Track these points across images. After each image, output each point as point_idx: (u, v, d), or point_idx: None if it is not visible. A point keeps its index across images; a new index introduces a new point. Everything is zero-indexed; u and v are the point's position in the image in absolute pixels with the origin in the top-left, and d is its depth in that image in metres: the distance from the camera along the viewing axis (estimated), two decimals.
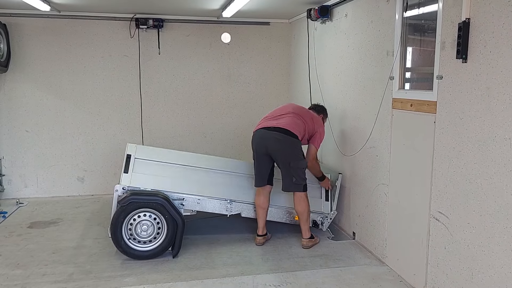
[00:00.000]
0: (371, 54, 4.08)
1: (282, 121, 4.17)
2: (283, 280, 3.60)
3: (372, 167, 4.08)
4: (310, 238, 4.32)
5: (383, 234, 3.91)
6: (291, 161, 4.09)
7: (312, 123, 4.31)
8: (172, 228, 3.99)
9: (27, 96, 6.01)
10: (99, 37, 6.13)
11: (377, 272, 3.75)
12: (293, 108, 4.36)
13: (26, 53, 5.95)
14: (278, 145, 4.10)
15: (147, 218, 4.02)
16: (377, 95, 3.92)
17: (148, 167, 4.27)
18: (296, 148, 4.14)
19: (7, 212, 5.39)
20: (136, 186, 4.14)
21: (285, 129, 4.10)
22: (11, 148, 6.06)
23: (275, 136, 4.09)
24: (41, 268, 3.83)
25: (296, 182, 4.13)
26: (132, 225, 3.99)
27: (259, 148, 4.19)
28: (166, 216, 3.98)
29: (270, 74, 6.74)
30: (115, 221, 3.94)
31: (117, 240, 3.95)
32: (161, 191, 4.14)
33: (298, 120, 4.21)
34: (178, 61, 6.41)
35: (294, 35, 6.42)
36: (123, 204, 3.93)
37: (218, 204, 4.35)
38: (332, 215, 4.60)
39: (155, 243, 4.03)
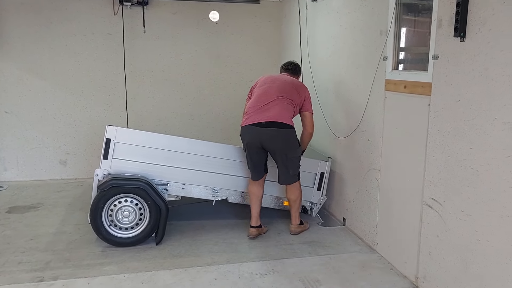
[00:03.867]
0: (364, 33, 3.90)
1: (272, 112, 3.89)
2: (270, 269, 3.47)
3: (364, 151, 3.93)
4: (299, 224, 4.22)
5: (374, 221, 3.78)
6: (288, 153, 3.93)
7: (297, 94, 4.03)
8: (155, 214, 3.83)
9: (6, 75, 5.76)
10: (81, 14, 5.86)
11: (367, 260, 3.63)
12: (277, 88, 4.00)
13: (4, 30, 5.67)
14: (273, 142, 3.89)
15: (128, 204, 3.85)
16: (369, 76, 3.75)
17: (130, 151, 4.04)
18: (292, 138, 3.95)
19: None
20: (117, 171, 3.97)
21: (277, 122, 3.86)
22: None
23: (269, 132, 3.86)
24: (17, 256, 3.66)
25: (292, 173, 4.00)
26: (112, 211, 3.82)
27: (252, 144, 3.95)
28: (149, 201, 3.82)
29: (260, 55, 6.53)
30: (94, 206, 3.77)
31: (97, 226, 3.79)
32: (144, 176, 3.97)
33: (286, 102, 3.96)
34: (165, 40, 6.17)
35: (285, 14, 6.20)
36: (103, 189, 3.76)
37: (204, 189, 4.20)
38: (322, 201, 4.51)
39: (137, 229, 3.88)
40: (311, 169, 4.44)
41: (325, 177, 4.48)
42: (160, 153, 4.09)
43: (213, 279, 3.32)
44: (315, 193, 4.50)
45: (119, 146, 4.01)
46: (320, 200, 4.50)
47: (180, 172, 4.13)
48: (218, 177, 4.24)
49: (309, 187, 4.47)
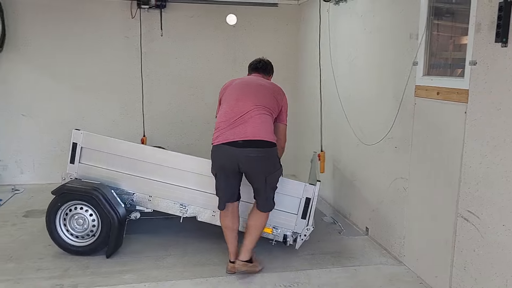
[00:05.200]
0: (391, 37, 3.78)
1: (250, 128, 3.23)
2: (293, 280, 3.36)
3: (390, 159, 3.80)
4: (248, 260, 3.42)
5: (400, 232, 3.66)
6: (267, 176, 3.32)
7: (276, 101, 3.44)
8: (106, 225, 3.66)
9: (23, 78, 5.74)
10: (98, 17, 5.82)
11: (394, 272, 3.50)
12: (253, 96, 3.37)
13: (23, 32, 5.65)
14: (254, 164, 3.28)
15: (81, 212, 3.72)
16: (397, 82, 3.62)
17: (95, 156, 3.93)
18: (274, 159, 3.38)
19: (2, 200, 5.18)
20: (83, 176, 3.92)
21: (258, 140, 3.23)
22: (6, 132, 5.81)
23: (249, 153, 3.22)
24: (35, 262, 3.60)
25: (272, 197, 3.42)
26: (66, 218, 3.74)
27: (227, 167, 3.32)
28: (100, 212, 3.66)
29: (278, 58, 6.38)
30: (48, 212, 3.72)
31: (50, 231, 3.73)
32: (109, 184, 3.86)
33: (265, 113, 3.33)
34: (182, 43, 6.11)
35: (304, 17, 6.10)
36: (56, 194, 3.71)
37: (171, 204, 3.88)
38: (307, 231, 3.71)
39: (90, 239, 3.73)
40: (294, 193, 3.70)
41: (311, 204, 3.67)
42: (124, 160, 3.90)
43: None
44: (299, 221, 3.71)
45: (85, 150, 3.94)
46: (305, 231, 3.71)
47: (146, 183, 3.89)
48: (186, 192, 3.85)
49: (291, 214, 3.72)
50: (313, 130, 5.45)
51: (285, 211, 3.71)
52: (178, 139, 6.25)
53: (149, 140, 6.03)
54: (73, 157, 3.93)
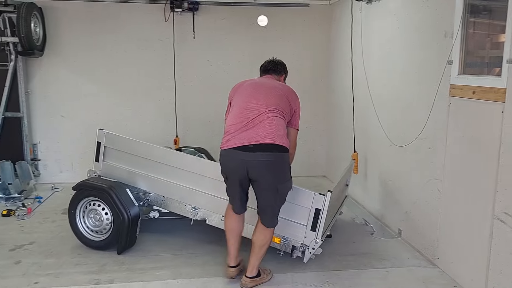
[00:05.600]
0: (425, 36, 3.72)
1: (262, 131, 3.01)
2: (325, 280, 3.36)
3: (424, 160, 3.74)
4: (255, 276, 3.26)
5: (434, 234, 3.59)
6: (279, 186, 3.08)
7: (288, 104, 3.21)
8: (117, 223, 3.76)
9: (62, 80, 5.97)
10: (133, 21, 5.99)
11: (428, 275, 3.45)
12: (265, 97, 3.14)
13: (61, 37, 5.89)
14: (263, 170, 3.03)
15: (96, 208, 3.88)
16: (431, 81, 3.56)
17: (116, 156, 4.08)
18: (285, 165, 3.13)
19: (43, 197, 5.39)
20: (106, 174, 4.08)
21: (270, 144, 3.00)
22: (46, 133, 6.06)
23: (258, 158, 2.99)
24: (74, 257, 3.74)
25: (277, 213, 3.18)
26: (84, 212, 3.93)
27: (236, 173, 3.11)
28: (112, 209, 3.77)
29: (308, 59, 6.44)
30: (69, 205, 3.95)
31: (71, 224, 3.95)
32: (127, 183, 3.98)
33: (278, 116, 3.10)
34: (213, 45, 6.20)
35: (335, 17, 6.08)
36: (76, 189, 3.91)
37: (183, 205, 3.89)
38: (315, 245, 3.42)
39: (104, 234, 3.88)
40: (303, 203, 3.44)
41: (321, 215, 3.38)
42: (141, 161, 3.99)
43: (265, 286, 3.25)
44: (308, 233, 3.44)
45: (107, 149, 4.08)
46: (314, 244, 3.41)
47: (160, 184, 3.95)
48: (197, 195, 3.81)
49: (300, 225, 3.47)
50: (345, 131, 5.42)
51: (294, 222, 3.48)
52: (209, 139, 6.32)
53: (181, 141, 6.15)
54: (98, 155, 4.12)
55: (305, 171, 6.60)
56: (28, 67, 5.87)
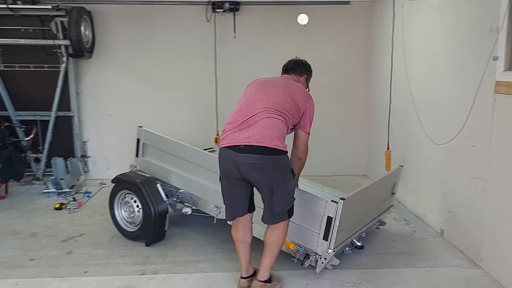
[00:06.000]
0: (469, 31, 3.64)
1: (254, 132, 2.88)
2: (363, 278, 3.36)
3: (467, 159, 3.66)
4: (266, 281, 3.13)
5: (478, 234, 3.51)
6: (274, 187, 2.92)
7: (294, 104, 3.02)
8: (146, 216, 3.92)
9: (110, 81, 6.24)
10: (176, 22, 6.17)
11: (470, 276, 3.38)
12: (265, 97, 3.02)
13: (109, 39, 6.15)
14: (255, 172, 2.91)
15: (130, 201, 4.09)
16: (475, 77, 3.48)
17: (152, 152, 4.27)
18: (282, 168, 2.95)
19: (92, 193, 5.66)
20: (144, 170, 4.29)
21: (260, 146, 2.84)
22: (95, 131, 6.36)
23: (247, 160, 2.86)
24: (121, 249, 3.93)
25: (277, 211, 2.98)
26: (121, 204, 4.19)
27: (229, 173, 2.99)
28: (142, 202, 3.94)
29: (349, 57, 6.40)
30: (109, 196, 4.22)
31: (111, 215, 4.22)
32: (161, 178, 4.14)
33: (275, 117, 2.93)
34: (253, 44, 6.28)
35: (377, 14, 6.01)
36: (113, 181, 4.19)
37: (207, 204, 3.94)
38: (328, 255, 3.21)
39: (136, 226, 4.07)
40: (316, 210, 3.27)
41: (333, 224, 3.16)
42: (172, 158, 4.12)
43: (304, 284, 3.29)
44: (321, 242, 3.25)
45: (145, 146, 4.27)
46: (326, 254, 3.21)
47: (188, 181, 4.05)
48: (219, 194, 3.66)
49: (314, 232, 3.29)
50: (385, 129, 5.36)
51: (307, 228, 3.33)
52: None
53: None
54: (137, 151, 4.35)
55: (345, 170, 6.59)
56: (78, 68, 6.18)
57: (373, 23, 6.15)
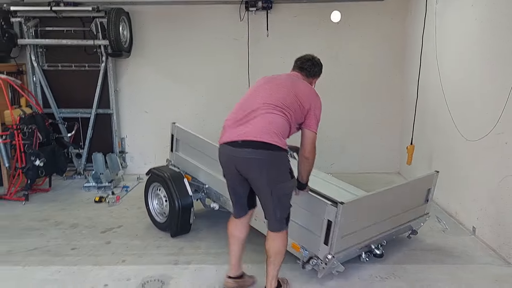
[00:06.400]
0: (504, 26, 3.58)
1: (251, 127, 2.80)
2: (391, 273, 3.40)
3: (500, 155, 3.61)
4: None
5: (510, 232, 3.46)
6: (272, 188, 2.81)
7: (298, 102, 2.90)
8: (171, 209, 4.10)
9: (146, 79, 6.46)
10: (211, 21, 6.31)
11: (501, 273, 3.35)
12: (267, 93, 2.94)
13: (146, 39, 6.37)
14: (251, 169, 2.83)
15: (160, 193, 4.31)
16: (508, 73, 3.43)
17: (183, 148, 4.44)
18: (279, 165, 2.84)
19: (129, 187, 5.90)
20: (177, 164, 4.45)
21: (257, 141, 2.75)
22: (132, 127, 6.60)
23: (245, 155, 2.79)
24: (156, 241, 4.11)
25: (280, 216, 2.88)
26: (153, 196, 4.43)
27: (228, 169, 2.95)
28: (168, 195, 4.13)
29: (382, 54, 6.36)
30: (145, 187, 4.49)
31: (146, 206, 4.47)
32: (191, 173, 4.30)
33: (274, 113, 2.83)
34: (286, 42, 6.34)
35: (410, 10, 5.95)
36: (147, 174, 4.45)
37: (228, 201, 3.85)
38: (328, 261, 3.10)
39: (165, 218, 4.28)
40: (317, 212, 3.17)
41: (333, 228, 3.03)
42: (200, 155, 4.23)
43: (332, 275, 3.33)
44: (322, 246, 3.13)
45: (178, 142, 4.44)
46: (326, 259, 3.09)
47: (212, 178, 4.10)
48: None
49: (316, 235, 3.18)
50: (418, 126, 5.32)
51: (311, 231, 3.23)
52: None
53: None
54: (172, 146, 4.54)
55: (378, 167, 6.57)
56: (117, 67, 6.43)
57: (406, 19, 6.09)
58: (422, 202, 3.84)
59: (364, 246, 3.39)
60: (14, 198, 5.35)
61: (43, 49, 6.28)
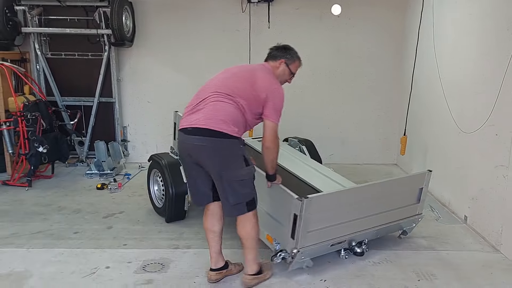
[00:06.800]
0: (495, 22, 3.68)
1: (200, 115, 2.86)
2: (383, 258, 3.52)
3: (491, 147, 3.72)
4: (256, 274, 3.10)
5: (499, 220, 3.58)
6: (222, 173, 2.85)
7: (253, 91, 2.92)
8: (166, 195, 4.23)
9: (149, 69, 6.55)
10: (213, 12, 6.39)
11: (489, 259, 3.48)
12: (220, 81, 3.02)
13: (148, 29, 6.45)
14: (201, 156, 2.88)
15: (158, 179, 4.45)
16: (500, 68, 3.53)
17: None
18: (226, 151, 2.86)
19: (131, 175, 6.01)
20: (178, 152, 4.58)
21: (205, 129, 2.81)
22: (135, 117, 6.70)
23: (193, 141, 2.86)
24: (157, 226, 4.23)
25: (234, 202, 2.90)
26: (154, 181, 4.57)
27: (184, 156, 3.02)
28: (164, 182, 4.25)
29: (382, 47, 6.44)
30: (147, 173, 4.64)
31: (149, 191, 4.62)
32: None
33: (224, 101, 2.87)
34: (287, 35, 6.38)
35: (410, 4, 6.02)
36: (149, 160, 4.58)
37: None
38: (294, 255, 3.08)
39: (162, 203, 4.41)
40: (286, 204, 3.12)
41: (298, 223, 2.99)
42: None
43: (326, 261, 3.45)
44: (290, 240, 3.10)
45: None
46: (293, 253, 3.07)
47: None
48: None
49: (285, 228, 3.13)
50: (415, 118, 5.42)
51: (281, 224, 3.21)
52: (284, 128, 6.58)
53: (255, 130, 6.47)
54: (174, 134, 4.65)
55: (377, 158, 6.68)
56: (120, 57, 6.52)
57: (406, 13, 6.16)
58: (413, 201, 3.67)
59: (338, 243, 3.31)
60: (17, 184, 5.46)
61: (47, 38, 6.37)
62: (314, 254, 3.23)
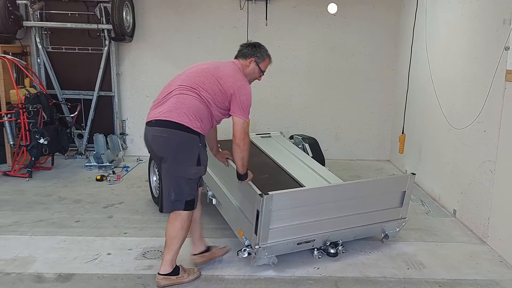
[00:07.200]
0: (484, 22, 3.82)
1: (164, 108, 2.88)
2: (374, 248, 3.66)
3: (479, 142, 3.87)
4: (169, 274, 3.01)
5: (486, 213, 3.74)
6: (171, 167, 2.87)
7: (218, 86, 2.94)
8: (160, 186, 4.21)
9: (148, 64, 6.64)
10: (212, 9, 6.49)
11: (475, 250, 3.63)
12: (185, 76, 3.03)
13: (148, 24, 6.54)
14: (157, 146, 2.91)
15: (156, 170, 4.57)
16: (489, 66, 3.68)
17: None
18: (182, 146, 2.85)
19: (129, 167, 6.12)
20: None
21: (165, 120, 2.82)
22: (133, 111, 6.79)
23: (153, 132, 2.89)
24: (156, 216, 4.33)
25: (177, 199, 2.88)
26: (152, 172, 4.67)
27: (149, 151, 3.06)
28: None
29: (376, 45, 6.58)
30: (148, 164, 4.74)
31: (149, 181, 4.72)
32: None
33: (188, 94, 2.89)
34: (284, 32, 6.54)
35: (404, 4, 6.16)
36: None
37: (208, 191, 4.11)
38: (255, 250, 3.09)
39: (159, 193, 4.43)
40: (251, 201, 3.13)
41: (260, 218, 2.97)
42: None
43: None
44: (253, 236, 3.08)
45: None
46: (254, 249, 3.07)
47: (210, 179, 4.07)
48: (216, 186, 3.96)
49: (251, 224, 3.13)
50: (408, 116, 5.57)
51: (248, 220, 3.20)
52: (280, 123, 6.73)
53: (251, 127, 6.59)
54: None
55: (370, 155, 6.82)
56: (119, 51, 6.60)
57: (401, 12, 6.30)
58: (395, 205, 3.57)
59: (305, 242, 3.24)
60: (18, 175, 5.55)
61: (48, 32, 6.45)
62: (279, 252, 3.18)
